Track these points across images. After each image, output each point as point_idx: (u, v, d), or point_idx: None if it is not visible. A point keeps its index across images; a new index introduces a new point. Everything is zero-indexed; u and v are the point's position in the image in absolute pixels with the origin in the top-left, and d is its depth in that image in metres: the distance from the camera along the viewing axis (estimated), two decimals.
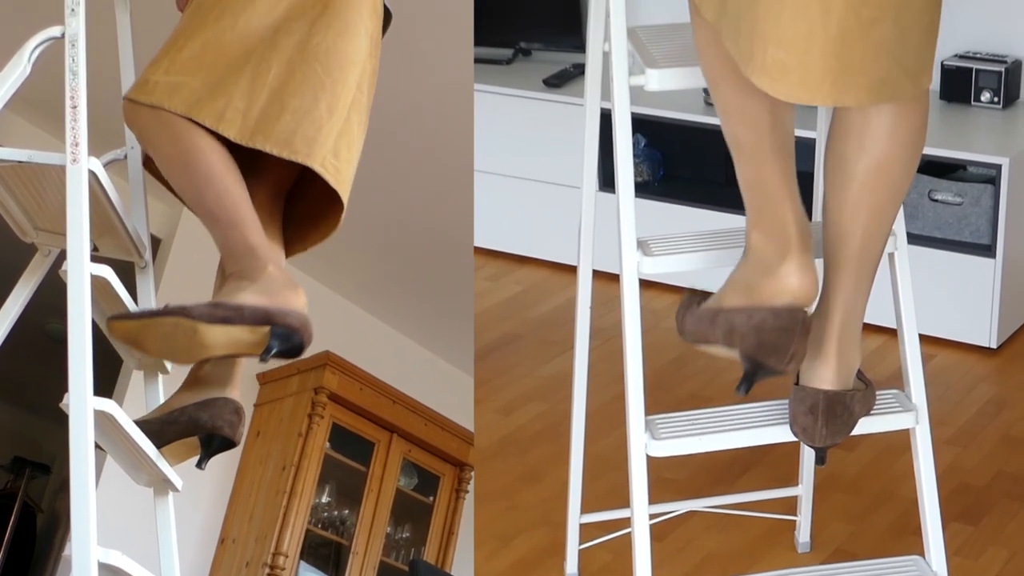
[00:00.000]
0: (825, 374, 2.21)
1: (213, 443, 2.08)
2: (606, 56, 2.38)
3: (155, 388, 2.23)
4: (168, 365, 2.22)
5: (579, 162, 2.68)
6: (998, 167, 3.79)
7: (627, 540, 2.37)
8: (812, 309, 2.19)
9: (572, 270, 4.43)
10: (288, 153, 2.00)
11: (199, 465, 2.10)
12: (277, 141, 2.00)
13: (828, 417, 2.20)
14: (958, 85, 4.11)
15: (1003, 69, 4.07)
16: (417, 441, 4.53)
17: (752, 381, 2.12)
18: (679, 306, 2.25)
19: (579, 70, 4.50)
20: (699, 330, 2.18)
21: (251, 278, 1.98)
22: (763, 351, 2.09)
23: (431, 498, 4.62)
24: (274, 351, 1.97)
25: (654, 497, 2.39)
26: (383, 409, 4.42)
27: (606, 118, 2.35)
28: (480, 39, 4.58)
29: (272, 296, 1.98)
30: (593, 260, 2.75)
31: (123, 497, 3.41)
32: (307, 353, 4.38)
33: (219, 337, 1.94)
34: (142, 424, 2.07)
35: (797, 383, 2.25)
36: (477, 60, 4.58)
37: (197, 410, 2.07)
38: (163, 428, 2.08)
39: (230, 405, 2.09)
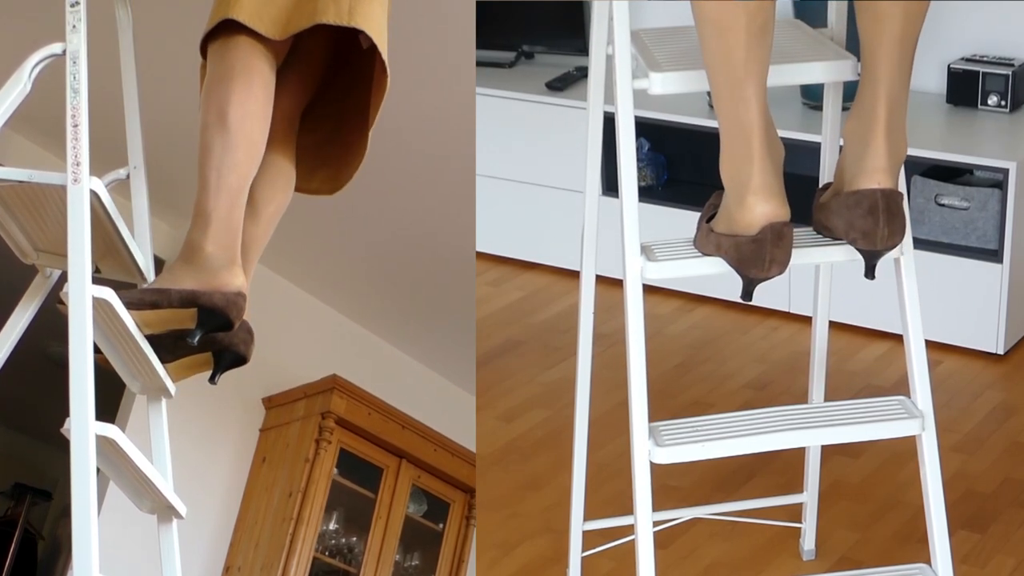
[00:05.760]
0: (877, 163, 2.23)
1: (225, 359, 2.09)
2: (609, 59, 2.36)
3: (158, 412, 2.20)
4: (171, 389, 2.20)
5: (582, 166, 2.67)
6: (1005, 171, 3.77)
7: (630, 548, 2.35)
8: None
9: (575, 275, 4.41)
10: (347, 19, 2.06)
11: (212, 380, 2.11)
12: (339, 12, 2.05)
13: (889, 216, 2.23)
14: (965, 89, 4.09)
15: (1010, 72, 4.04)
16: (426, 467, 4.48)
17: (749, 290, 2.28)
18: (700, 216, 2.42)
19: (582, 73, 4.49)
20: (701, 245, 2.34)
21: (189, 259, 2.04)
22: (744, 263, 2.25)
23: (441, 525, 4.57)
24: (205, 329, 2.03)
25: (657, 504, 2.37)
26: (392, 434, 4.37)
27: (609, 122, 2.34)
28: (482, 42, 4.57)
29: (207, 279, 2.03)
30: (596, 265, 2.73)
31: (126, 524, 3.39)
32: (314, 377, 4.42)
33: (151, 318, 2.02)
34: (153, 338, 2.06)
35: (840, 193, 2.27)
36: (479, 63, 4.56)
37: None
38: (176, 343, 2.08)
39: (244, 325, 2.10)
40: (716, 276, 4.15)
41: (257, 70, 2.07)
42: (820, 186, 2.54)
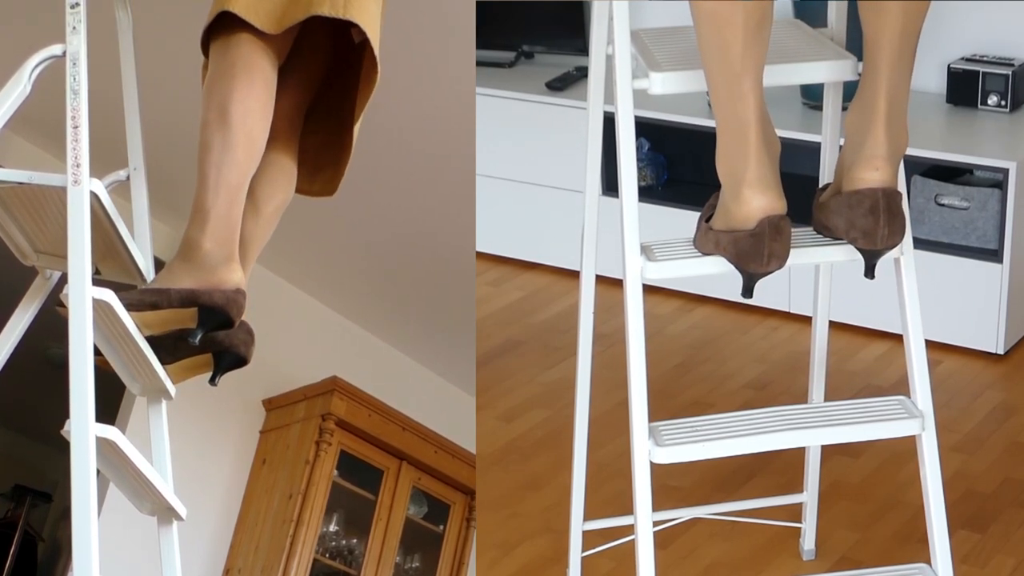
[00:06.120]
0: (877, 151, 2.23)
1: (225, 360, 2.10)
2: (609, 59, 2.36)
3: (158, 414, 2.21)
4: (171, 391, 2.20)
5: (582, 166, 2.67)
6: (1005, 171, 3.77)
7: (630, 548, 2.35)
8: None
9: (575, 275, 4.41)
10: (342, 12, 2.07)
11: (212, 381, 2.12)
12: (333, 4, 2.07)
13: (889, 216, 2.23)
14: (965, 88, 4.09)
15: (1010, 72, 4.04)
16: (427, 469, 4.47)
17: (749, 286, 2.28)
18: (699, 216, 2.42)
19: (582, 73, 4.49)
20: (700, 245, 2.34)
21: (187, 257, 2.04)
22: (742, 258, 2.25)
23: (441, 527, 4.56)
24: (206, 328, 2.04)
25: (657, 504, 2.37)
26: (392, 436, 4.36)
27: (609, 122, 2.34)
28: (482, 42, 4.57)
29: (205, 277, 2.04)
30: (596, 265, 2.73)
31: (126, 526, 3.39)
32: (314, 378, 4.43)
33: (152, 319, 2.02)
34: (153, 339, 2.06)
35: (840, 192, 2.27)
36: (479, 63, 4.56)
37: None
38: (176, 344, 2.08)
39: (244, 326, 2.12)
40: (716, 276, 4.15)
41: (259, 68, 2.07)
42: (820, 186, 2.54)
